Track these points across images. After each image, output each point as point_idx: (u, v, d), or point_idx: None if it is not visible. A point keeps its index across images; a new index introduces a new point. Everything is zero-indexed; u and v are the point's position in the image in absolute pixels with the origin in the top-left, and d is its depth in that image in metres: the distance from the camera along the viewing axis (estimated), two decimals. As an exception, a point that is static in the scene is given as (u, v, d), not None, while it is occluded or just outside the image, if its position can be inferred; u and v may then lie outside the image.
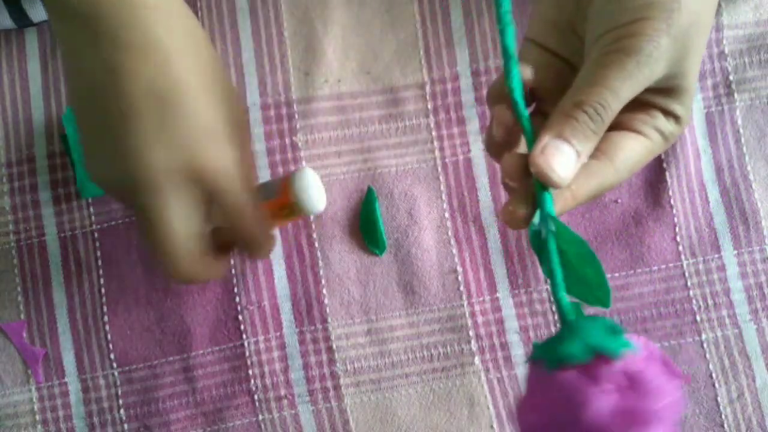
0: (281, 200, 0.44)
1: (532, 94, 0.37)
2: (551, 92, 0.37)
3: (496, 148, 0.36)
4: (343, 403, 0.49)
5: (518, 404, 0.33)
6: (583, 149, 0.33)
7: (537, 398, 0.31)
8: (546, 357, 0.31)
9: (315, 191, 0.44)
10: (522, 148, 0.37)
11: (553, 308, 0.49)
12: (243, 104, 0.50)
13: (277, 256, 0.50)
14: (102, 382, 0.49)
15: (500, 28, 0.35)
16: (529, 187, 0.34)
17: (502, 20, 0.35)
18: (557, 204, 0.34)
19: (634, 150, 0.35)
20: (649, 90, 0.34)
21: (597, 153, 0.34)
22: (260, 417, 0.49)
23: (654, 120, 0.35)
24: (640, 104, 0.35)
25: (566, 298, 0.33)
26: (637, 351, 0.31)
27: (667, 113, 0.36)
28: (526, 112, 0.35)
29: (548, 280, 0.49)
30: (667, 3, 0.32)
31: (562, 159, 0.33)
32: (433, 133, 0.51)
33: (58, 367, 0.50)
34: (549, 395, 0.31)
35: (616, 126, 0.35)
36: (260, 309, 0.50)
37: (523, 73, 0.35)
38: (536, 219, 0.34)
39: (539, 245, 0.34)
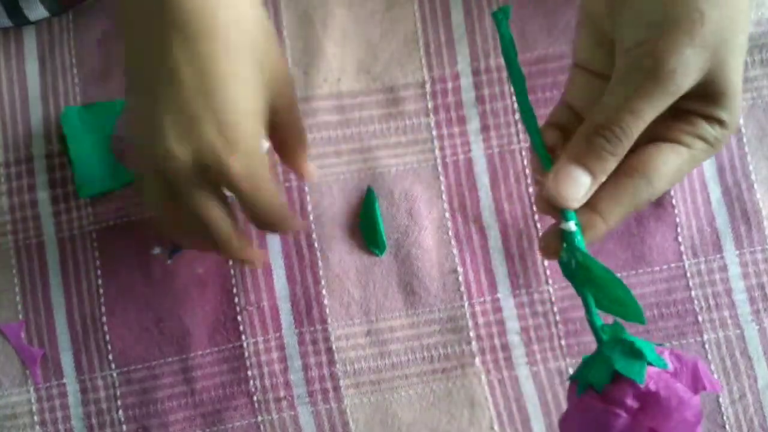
0: None
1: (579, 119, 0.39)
2: None
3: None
4: (343, 404, 0.49)
5: (561, 420, 0.36)
6: (599, 170, 0.33)
7: (573, 418, 0.35)
8: (578, 378, 0.35)
9: None
10: None
11: (555, 308, 0.49)
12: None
13: (276, 256, 0.50)
14: (100, 382, 0.49)
15: (521, 113, 0.38)
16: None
17: (520, 106, 0.38)
18: (589, 231, 0.35)
19: (671, 161, 0.35)
20: (688, 98, 0.33)
21: (629, 170, 0.34)
22: (259, 418, 0.49)
23: (695, 128, 0.35)
24: (679, 113, 0.34)
25: (600, 321, 0.36)
26: (664, 366, 0.33)
27: (710, 119, 0.35)
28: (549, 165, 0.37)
29: (554, 284, 0.49)
30: (689, 13, 0.32)
31: (572, 184, 0.33)
32: (434, 133, 0.51)
33: (56, 368, 0.49)
34: (579, 416, 0.34)
35: (653, 137, 0.35)
36: (259, 310, 0.49)
37: (547, 138, 0.38)
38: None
39: (571, 274, 0.36)
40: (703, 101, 0.34)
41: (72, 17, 0.52)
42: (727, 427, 0.48)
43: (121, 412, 0.49)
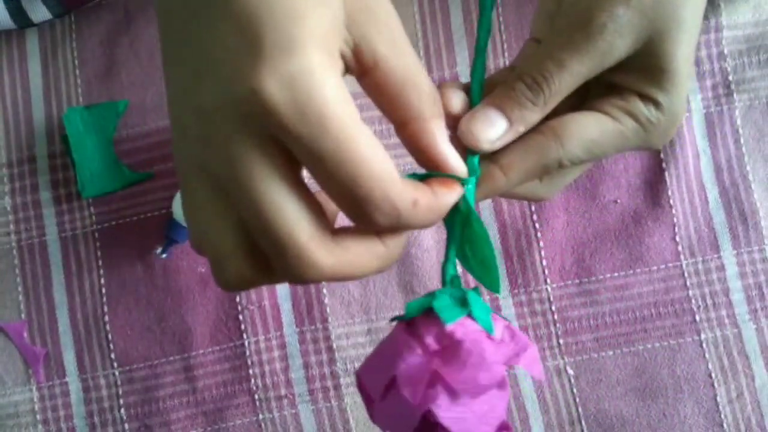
0: None
1: None
2: None
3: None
4: (344, 403, 0.49)
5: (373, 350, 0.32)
6: (517, 118, 0.31)
7: (379, 347, 0.32)
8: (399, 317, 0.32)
9: None
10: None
11: (553, 308, 0.49)
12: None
13: (277, 256, 0.50)
14: (102, 381, 0.50)
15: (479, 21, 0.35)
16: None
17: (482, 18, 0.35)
18: (487, 182, 0.32)
19: (590, 128, 0.32)
20: (623, 71, 0.32)
21: (543, 128, 0.32)
22: (260, 416, 0.49)
23: (626, 103, 0.33)
24: (614, 88, 0.33)
25: (454, 271, 0.33)
26: (488, 329, 0.30)
27: (645, 97, 0.33)
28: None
29: (552, 283, 0.49)
30: None
31: (486, 125, 0.32)
32: (433, 134, 0.51)
33: (58, 367, 0.50)
34: (382, 345, 0.32)
35: (583, 110, 0.33)
36: (260, 309, 0.50)
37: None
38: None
39: (450, 223, 0.33)
40: (639, 77, 0.33)
41: (74, 19, 0.52)
42: (724, 425, 0.48)
43: (123, 410, 0.49)
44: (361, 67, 0.29)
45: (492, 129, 0.32)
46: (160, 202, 0.50)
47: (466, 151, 0.32)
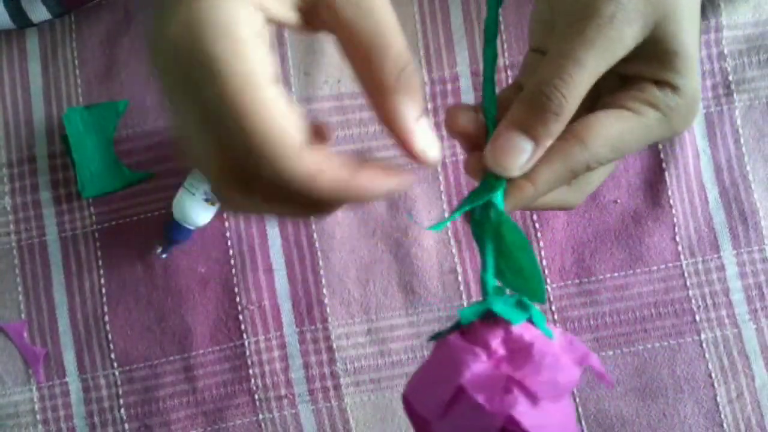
0: None
1: None
2: None
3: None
4: (344, 403, 0.49)
5: (414, 374, 0.30)
6: (542, 134, 0.31)
7: (427, 363, 0.30)
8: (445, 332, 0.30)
9: None
10: None
11: (553, 308, 0.49)
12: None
13: (277, 255, 0.50)
14: (102, 381, 0.50)
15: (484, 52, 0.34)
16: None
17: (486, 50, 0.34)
18: (516, 194, 0.32)
19: (613, 126, 0.31)
20: (635, 61, 0.32)
21: (565, 134, 0.31)
22: (260, 416, 0.49)
23: (644, 93, 0.32)
24: (627, 81, 0.33)
25: (494, 282, 0.31)
26: (548, 334, 0.28)
27: (661, 84, 0.32)
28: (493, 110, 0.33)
29: (552, 283, 0.49)
30: None
31: (513, 152, 0.31)
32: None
33: (58, 367, 0.50)
34: (433, 359, 0.29)
35: (600, 107, 0.33)
36: (260, 309, 0.50)
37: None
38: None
39: (480, 233, 0.32)
40: (652, 64, 0.32)
41: (74, 19, 0.52)
42: (724, 425, 0.48)
43: (123, 410, 0.49)
44: (319, 25, 0.28)
45: (521, 155, 0.31)
46: (160, 202, 0.50)
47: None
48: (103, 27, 0.52)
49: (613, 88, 0.33)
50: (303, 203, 0.28)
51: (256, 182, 0.27)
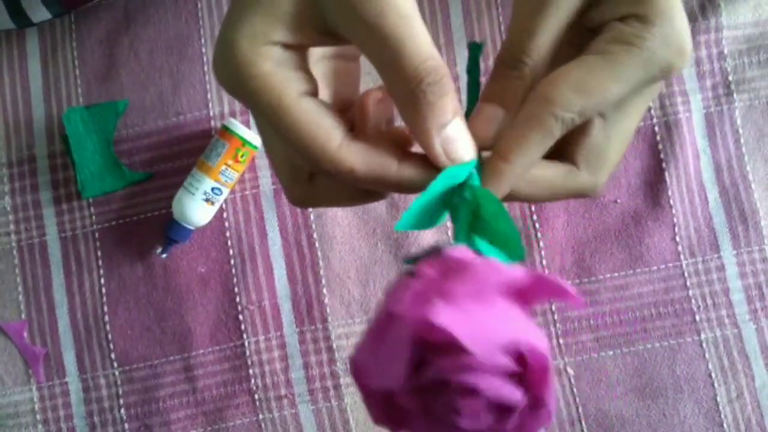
0: None
1: None
2: None
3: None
4: (344, 403, 0.49)
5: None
6: (511, 98, 0.30)
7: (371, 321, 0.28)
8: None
9: None
10: None
11: (553, 307, 0.49)
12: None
13: (277, 256, 0.50)
14: (102, 381, 0.50)
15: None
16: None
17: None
18: (491, 177, 0.30)
19: (574, 71, 0.29)
20: (598, 8, 0.30)
21: (528, 98, 0.30)
22: (260, 416, 0.49)
23: (609, 33, 0.29)
24: (594, 32, 0.30)
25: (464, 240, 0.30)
26: (504, 260, 0.27)
27: (625, 18, 0.29)
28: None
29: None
30: None
31: (486, 122, 0.31)
32: (433, 134, 0.51)
33: (58, 367, 0.50)
34: (381, 301, 0.28)
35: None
36: (260, 309, 0.50)
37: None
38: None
39: (453, 206, 0.30)
40: (612, 3, 0.29)
41: (74, 19, 0.52)
42: (725, 425, 0.48)
43: (123, 410, 0.49)
44: (339, 41, 0.30)
45: (492, 123, 0.31)
46: (160, 202, 0.50)
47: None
48: (102, 27, 0.52)
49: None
50: (355, 193, 0.32)
51: (312, 179, 0.32)
